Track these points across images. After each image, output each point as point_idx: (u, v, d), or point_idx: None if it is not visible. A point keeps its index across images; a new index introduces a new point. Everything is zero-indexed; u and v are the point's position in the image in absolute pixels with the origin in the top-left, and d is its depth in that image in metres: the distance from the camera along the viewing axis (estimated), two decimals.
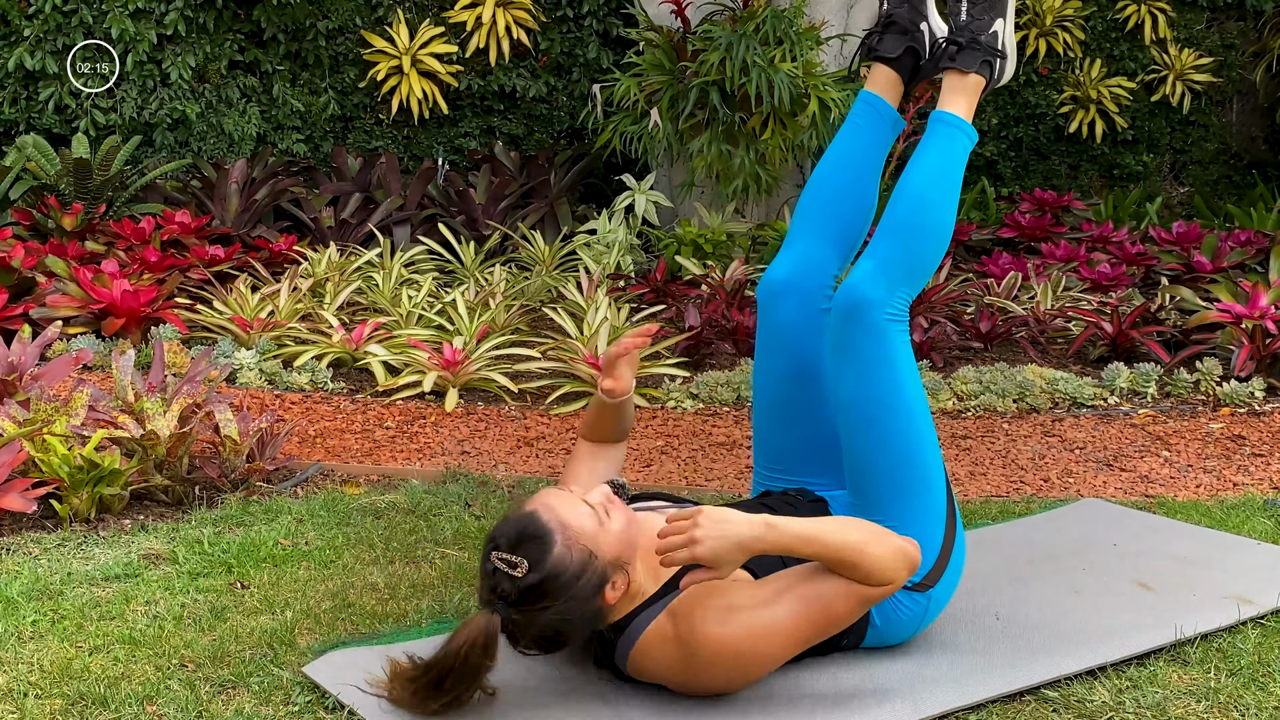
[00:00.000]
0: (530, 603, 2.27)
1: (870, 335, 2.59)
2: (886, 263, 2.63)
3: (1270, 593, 2.90)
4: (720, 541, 2.26)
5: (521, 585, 2.26)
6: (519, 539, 2.28)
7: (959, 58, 2.81)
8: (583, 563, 2.28)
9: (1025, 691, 2.48)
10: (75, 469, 3.42)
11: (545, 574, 2.26)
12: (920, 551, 2.42)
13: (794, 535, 2.31)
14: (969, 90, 2.81)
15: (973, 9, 2.84)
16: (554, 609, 2.27)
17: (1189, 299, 5.78)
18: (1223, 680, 2.53)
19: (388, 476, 3.99)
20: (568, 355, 5.09)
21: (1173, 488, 3.98)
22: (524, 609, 2.27)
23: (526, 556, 2.26)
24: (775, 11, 6.80)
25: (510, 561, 2.26)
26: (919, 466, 2.61)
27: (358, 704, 2.37)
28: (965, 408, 4.82)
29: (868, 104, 2.91)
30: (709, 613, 2.31)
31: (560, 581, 2.26)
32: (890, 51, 2.89)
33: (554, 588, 2.26)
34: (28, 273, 5.64)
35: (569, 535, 2.29)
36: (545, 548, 2.27)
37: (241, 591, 2.99)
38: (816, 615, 2.36)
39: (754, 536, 2.28)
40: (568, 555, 2.27)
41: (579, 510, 2.34)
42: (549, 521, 2.30)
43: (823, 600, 2.35)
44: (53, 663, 2.57)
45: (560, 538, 2.28)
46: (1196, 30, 9.09)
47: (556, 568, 2.26)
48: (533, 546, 2.27)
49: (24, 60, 7.26)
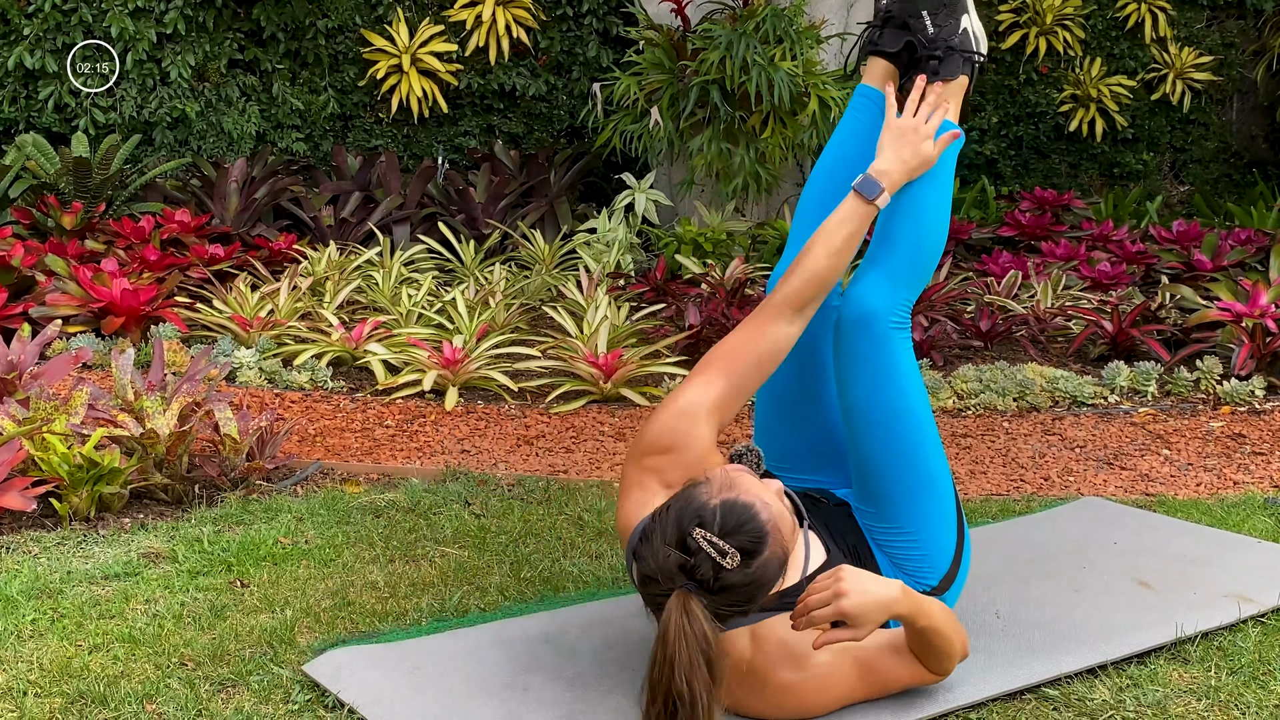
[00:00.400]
0: (722, 594, 2.17)
1: (875, 344, 2.60)
2: (889, 271, 2.64)
3: (1271, 591, 2.90)
4: (864, 599, 2.23)
5: (727, 579, 2.15)
6: (735, 529, 2.18)
7: (942, 69, 2.82)
8: (780, 569, 2.23)
9: (1026, 690, 2.48)
10: (75, 467, 3.42)
11: (753, 574, 2.17)
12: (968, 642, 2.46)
13: (920, 608, 2.30)
14: (954, 93, 2.82)
15: (935, 18, 2.84)
16: (738, 605, 2.20)
17: (1189, 298, 5.77)
18: (1223, 678, 2.53)
19: (387, 475, 3.99)
20: (567, 354, 5.08)
21: (1173, 486, 3.98)
22: (715, 595, 2.16)
23: (740, 549, 2.16)
24: (775, 10, 6.79)
25: (721, 549, 2.15)
26: (926, 470, 2.62)
27: (358, 702, 2.37)
28: (965, 406, 4.81)
29: (865, 98, 2.91)
30: (790, 655, 2.30)
31: (759, 584, 2.20)
32: (890, 46, 2.90)
33: (752, 588, 2.19)
34: (27, 271, 5.64)
35: (776, 541, 2.21)
36: (760, 547, 2.18)
37: (241, 590, 2.98)
38: (874, 688, 2.39)
39: (895, 599, 2.27)
40: (774, 562, 2.21)
41: (784, 513, 2.26)
42: (766, 521, 2.21)
43: (886, 676, 2.38)
44: (52, 661, 2.57)
45: (771, 541, 2.20)
46: (1197, 29, 9.08)
47: (764, 570, 2.19)
48: (749, 541, 2.18)
49: (24, 59, 7.26)
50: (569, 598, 2.96)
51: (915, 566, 2.60)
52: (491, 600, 2.95)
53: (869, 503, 2.65)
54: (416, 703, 2.38)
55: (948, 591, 2.62)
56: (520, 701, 2.40)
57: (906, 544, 2.60)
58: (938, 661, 2.37)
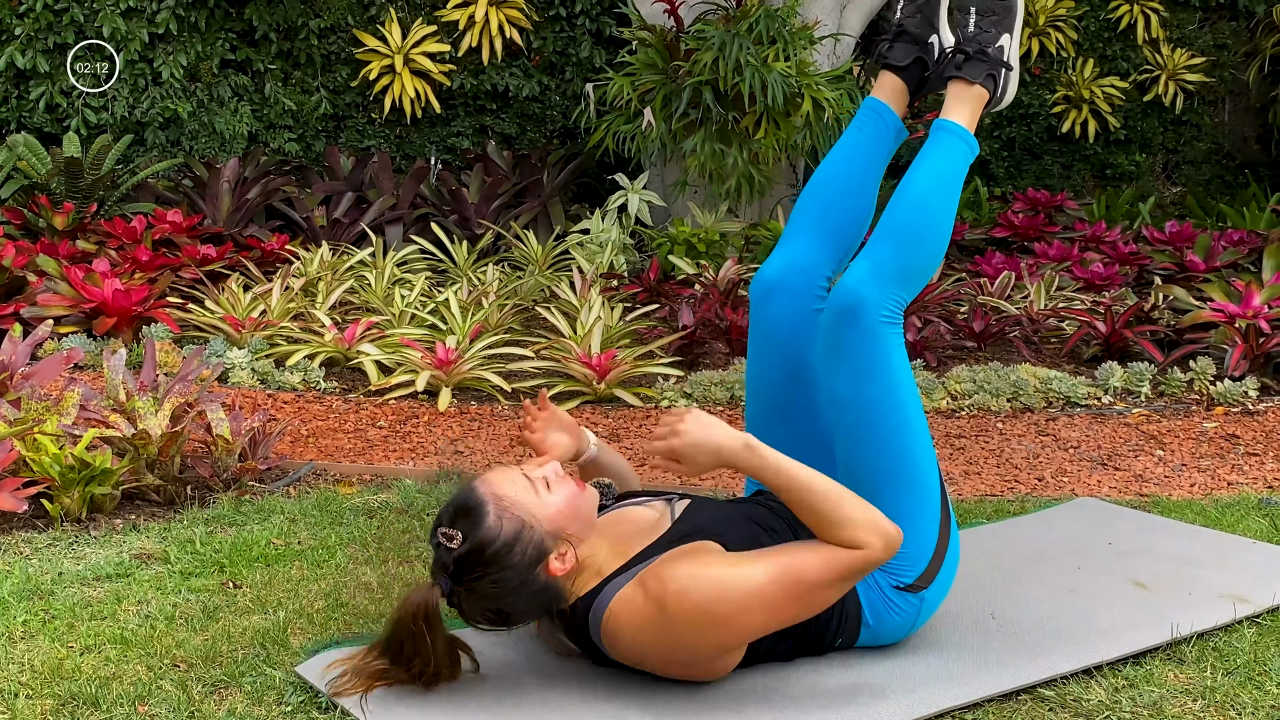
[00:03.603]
0: (466, 573, 2.32)
1: (864, 336, 2.58)
2: (882, 264, 2.62)
3: (1266, 592, 2.90)
4: (700, 438, 2.34)
5: (455, 556, 2.31)
6: (456, 513, 2.35)
7: (965, 67, 2.83)
8: (514, 532, 2.32)
9: (1021, 690, 2.47)
10: (66, 468, 3.40)
11: (475, 543, 2.31)
12: (901, 532, 2.39)
13: (771, 461, 2.36)
14: (973, 101, 2.83)
15: (981, 21, 2.85)
16: (489, 578, 2.32)
17: (1182, 298, 5.78)
18: (1219, 679, 2.52)
19: (381, 476, 3.98)
20: (561, 354, 5.08)
21: (1167, 487, 3.98)
22: (463, 580, 2.32)
23: (461, 529, 2.32)
24: (768, 11, 6.79)
25: (448, 534, 2.32)
26: (913, 467, 2.60)
27: (351, 704, 2.36)
28: (959, 407, 4.81)
29: (873, 110, 2.91)
30: (679, 570, 2.29)
31: (491, 551, 2.31)
32: (900, 60, 2.91)
33: (486, 557, 2.31)
34: (18, 272, 5.63)
35: (502, 505, 2.34)
36: (477, 518, 2.32)
37: (234, 591, 2.97)
38: (789, 579, 2.31)
39: (732, 449, 2.35)
40: (499, 524, 2.32)
41: (515, 481, 2.38)
42: (483, 494, 2.35)
43: (794, 565, 2.32)
44: (44, 663, 2.55)
45: (493, 508, 2.33)
46: (1189, 30, 9.10)
47: (486, 537, 2.31)
48: (466, 518, 2.33)
49: (15, 59, 7.24)
50: None
51: (891, 562, 2.56)
52: None
53: None
54: (410, 704, 2.37)
55: (928, 588, 2.59)
56: (514, 702, 2.39)
57: None
58: (834, 530, 2.32)
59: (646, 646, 2.35)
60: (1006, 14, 2.87)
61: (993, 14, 2.86)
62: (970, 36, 2.85)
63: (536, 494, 2.37)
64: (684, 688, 2.41)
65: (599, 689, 2.44)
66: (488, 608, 2.36)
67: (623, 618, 2.33)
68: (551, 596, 2.38)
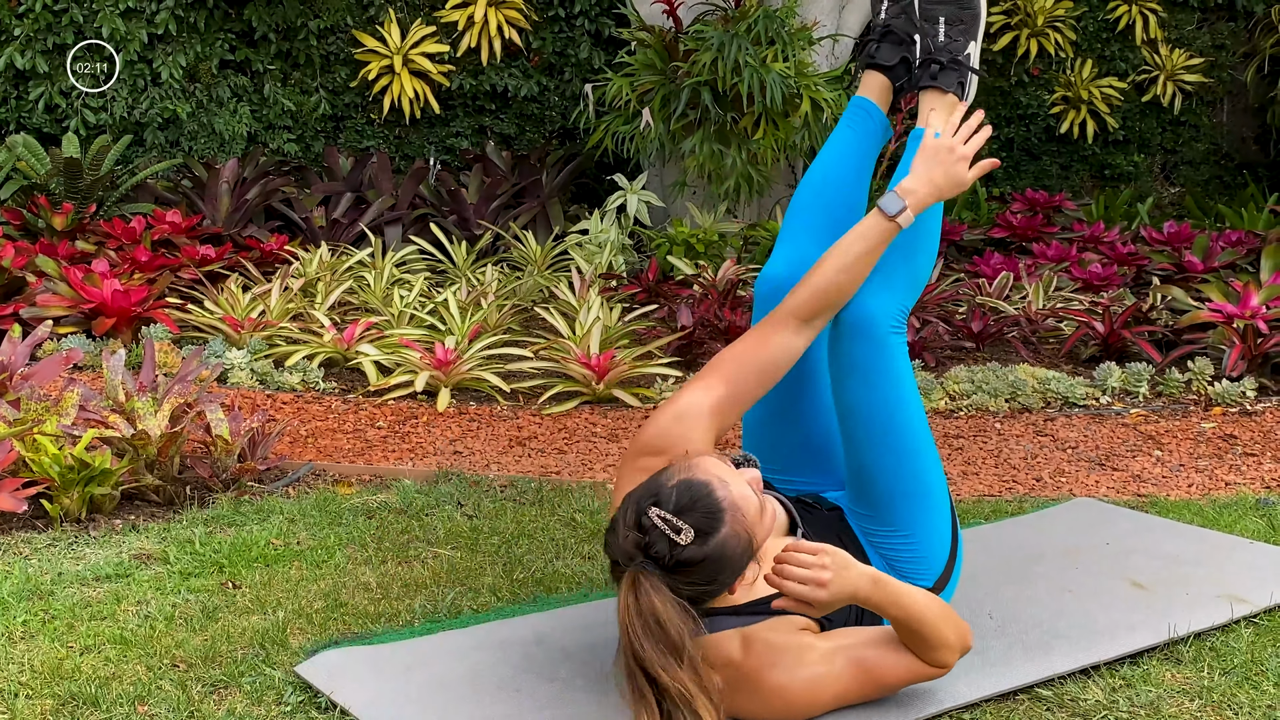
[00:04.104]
0: (680, 572, 2.19)
1: (874, 348, 2.61)
2: (888, 276, 2.65)
3: (1263, 592, 2.91)
4: (841, 589, 2.23)
5: (681, 554, 2.18)
6: (689, 505, 2.20)
7: (940, 77, 2.90)
8: (740, 552, 2.23)
9: (1019, 690, 2.48)
10: (66, 469, 3.41)
11: (709, 550, 2.19)
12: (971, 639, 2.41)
13: (893, 598, 2.28)
14: (947, 108, 2.89)
15: (950, 30, 2.92)
16: (696, 586, 2.21)
17: (1180, 299, 5.78)
18: (1216, 679, 2.53)
19: (380, 476, 3.98)
20: (560, 355, 5.08)
21: (1165, 487, 3.99)
22: (671, 574, 2.19)
23: (695, 526, 2.19)
24: (767, 11, 6.79)
25: (675, 525, 2.18)
26: (922, 473, 2.63)
27: (350, 704, 2.37)
28: (957, 407, 4.82)
29: (860, 108, 2.97)
30: (780, 658, 2.28)
31: (719, 563, 2.21)
32: (887, 60, 2.97)
33: (711, 567, 2.21)
34: (18, 272, 5.63)
35: (737, 521, 2.22)
36: (716, 524, 2.20)
37: (233, 591, 2.98)
38: (869, 685, 2.34)
39: (866, 592, 2.26)
40: (735, 539, 2.21)
41: (747, 494, 2.27)
42: (723, 499, 2.22)
43: (880, 672, 2.34)
44: (43, 663, 2.56)
45: (730, 518, 2.21)
46: (1187, 31, 9.10)
47: (722, 548, 2.20)
48: (703, 518, 2.20)
49: (14, 59, 7.24)
50: (562, 599, 2.95)
51: (911, 567, 2.60)
52: (484, 601, 2.94)
53: (864, 505, 2.65)
54: (409, 704, 2.38)
55: (944, 591, 2.63)
56: (514, 703, 2.39)
57: (902, 545, 2.61)
58: (928, 650, 2.32)
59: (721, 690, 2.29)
60: (973, 21, 2.95)
61: (961, 23, 2.94)
62: (941, 46, 2.92)
63: (760, 516, 2.29)
64: None
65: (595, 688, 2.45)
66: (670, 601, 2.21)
67: (713, 657, 2.27)
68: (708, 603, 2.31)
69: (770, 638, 2.31)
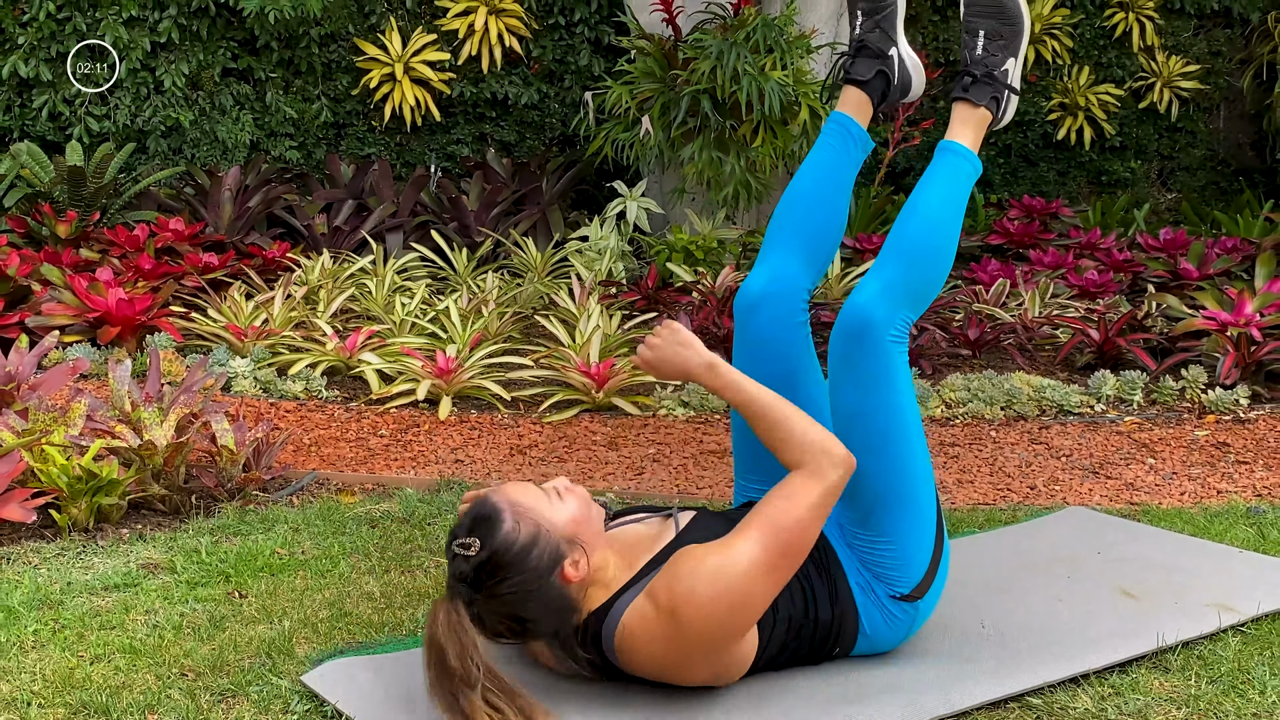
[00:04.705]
0: (485, 580, 2.36)
1: (873, 355, 2.66)
2: (892, 285, 2.70)
3: (1251, 600, 2.96)
4: (669, 352, 2.57)
5: (474, 563, 2.35)
6: (473, 523, 2.40)
7: (972, 90, 2.92)
8: (531, 536, 2.38)
9: (1010, 699, 2.54)
10: (74, 479, 3.46)
11: (494, 548, 2.35)
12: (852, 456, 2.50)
13: (731, 381, 2.52)
14: (977, 122, 2.92)
15: (989, 44, 2.94)
16: (509, 584, 2.36)
17: (1175, 306, 5.83)
18: (1203, 687, 2.58)
19: (383, 485, 4.04)
20: (560, 363, 5.13)
21: (1157, 495, 4.04)
22: (482, 588, 2.36)
23: (479, 536, 2.37)
24: (766, 20, 6.85)
25: (465, 544, 2.37)
26: (913, 482, 2.68)
27: (356, 712, 2.42)
28: (953, 415, 4.87)
29: (839, 124, 3.02)
30: (679, 571, 2.35)
31: (510, 555, 2.36)
32: (863, 74, 3.02)
33: (505, 561, 2.35)
34: (23, 280, 5.68)
35: (518, 511, 2.40)
36: (494, 525, 2.38)
37: (239, 601, 3.03)
38: (774, 536, 2.39)
39: (698, 366, 2.55)
40: (516, 529, 2.37)
41: (529, 490, 2.46)
42: (498, 501, 2.41)
43: (772, 520, 2.40)
44: (54, 672, 2.61)
45: (509, 514, 2.39)
46: (1184, 38, 9.16)
47: (505, 541, 2.36)
48: (483, 526, 2.38)
49: (18, 68, 7.29)
50: None
51: (889, 573, 2.65)
52: None
53: (850, 508, 2.70)
54: (414, 712, 2.43)
55: (923, 598, 2.67)
56: None
57: (884, 550, 2.66)
58: (796, 452, 2.45)
59: (664, 656, 2.40)
60: (1014, 38, 2.95)
61: (1001, 38, 2.95)
62: (978, 59, 2.94)
63: (550, 502, 2.44)
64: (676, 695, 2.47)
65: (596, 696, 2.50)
66: (507, 614, 2.38)
67: (638, 631, 2.39)
68: (567, 605, 2.41)
69: (663, 569, 2.40)
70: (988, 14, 2.97)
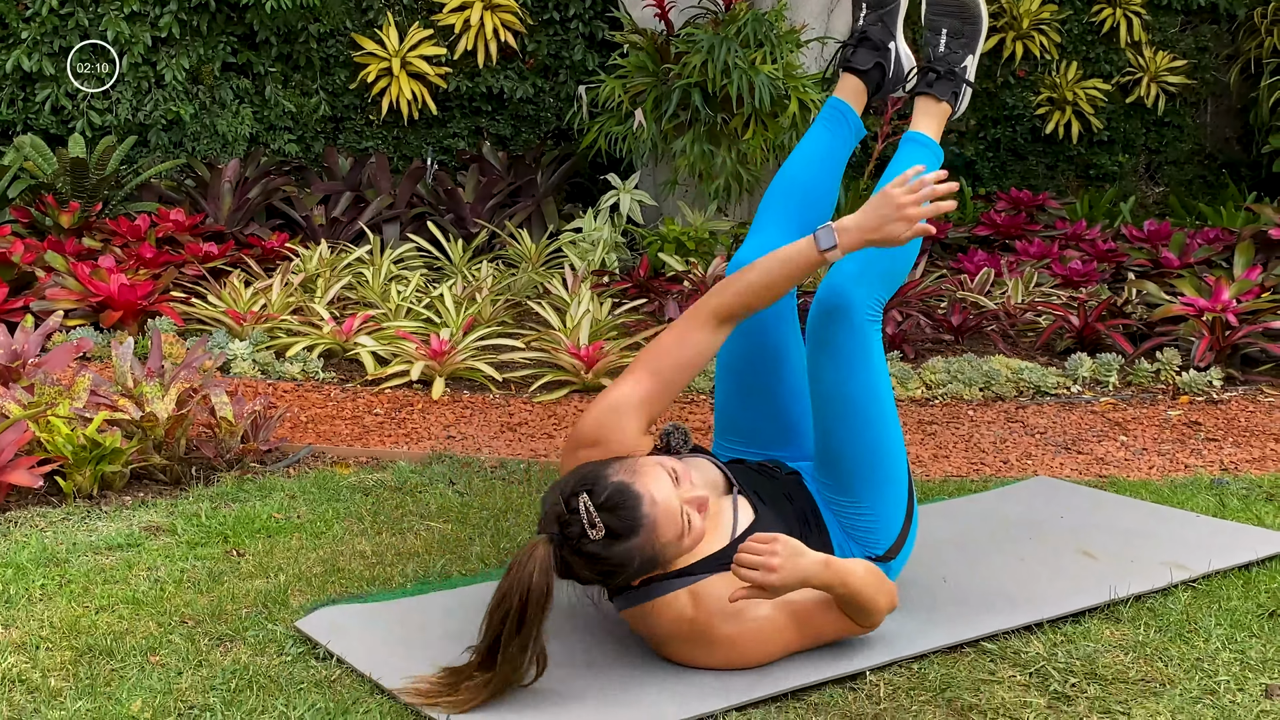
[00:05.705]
0: (581, 557, 2.42)
1: (850, 333, 2.79)
2: (868, 266, 2.83)
3: (1203, 559, 3.09)
4: (792, 575, 2.45)
5: (586, 546, 2.41)
6: (615, 506, 2.41)
7: (936, 85, 3.12)
8: (646, 562, 2.46)
9: (966, 644, 2.67)
10: (79, 448, 3.60)
11: (613, 554, 2.41)
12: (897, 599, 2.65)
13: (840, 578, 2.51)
14: (939, 115, 3.11)
15: (951, 42, 3.13)
16: (594, 575, 2.46)
17: (1154, 293, 5.96)
18: (1151, 635, 2.71)
19: (376, 458, 4.17)
20: (550, 346, 5.26)
21: (1126, 469, 4.17)
22: (575, 556, 2.42)
23: (610, 526, 2.40)
24: (756, 15, 6.98)
25: (592, 519, 2.40)
26: (888, 454, 2.82)
27: (346, 654, 2.55)
28: (933, 395, 5.00)
29: (836, 109, 3.16)
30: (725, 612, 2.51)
31: (619, 566, 2.44)
32: (862, 64, 3.17)
33: (609, 566, 2.44)
34: (27, 268, 5.81)
35: (652, 536, 2.43)
36: (630, 533, 2.41)
37: (237, 559, 3.17)
38: (808, 637, 2.59)
39: (816, 574, 2.48)
40: (641, 552, 2.43)
41: (673, 515, 2.46)
42: (646, 515, 2.42)
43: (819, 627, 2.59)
44: (61, 620, 2.75)
45: (645, 533, 2.42)
46: (1171, 33, 9.29)
47: (625, 555, 2.42)
48: (621, 524, 2.40)
49: (21, 62, 7.43)
50: None
51: (865, 536, 2.79)
52: (472, 568, 3.13)
53: (829, 476, 2.83)
54: (402, 655, 2.56)
55: (894, 559, 2.81)
56: None
57: (859, 514, 2.80)
58: (863, 617, 2.58)
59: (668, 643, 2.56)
60: (974, 36, 3.15)
61: (962, 36, 3.13)
62: (940, 57, 3.13)
63: (681, 536, 2.48)
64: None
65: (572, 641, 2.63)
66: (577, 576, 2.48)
67: (664, 619, 2.53)
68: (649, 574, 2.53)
69: (718, 593, 2.51)
70: (950, 13, 3.15)
